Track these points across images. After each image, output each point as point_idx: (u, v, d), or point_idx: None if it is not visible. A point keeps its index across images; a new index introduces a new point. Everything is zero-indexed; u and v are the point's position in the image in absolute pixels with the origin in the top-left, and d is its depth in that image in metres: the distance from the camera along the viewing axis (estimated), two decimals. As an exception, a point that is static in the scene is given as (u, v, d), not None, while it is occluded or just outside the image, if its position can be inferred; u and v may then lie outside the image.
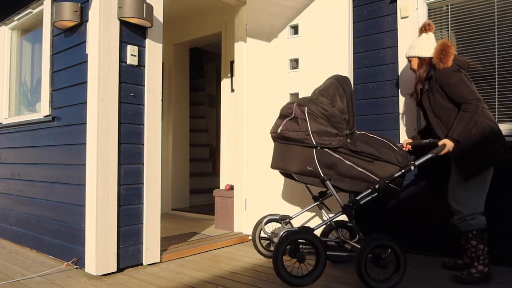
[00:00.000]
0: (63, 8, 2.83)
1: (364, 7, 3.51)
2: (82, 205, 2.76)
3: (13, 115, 3.97)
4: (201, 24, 5.14)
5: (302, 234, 2.30)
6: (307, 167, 2.44)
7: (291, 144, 2.49)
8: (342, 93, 2.52)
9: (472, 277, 2.45)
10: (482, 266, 2.47)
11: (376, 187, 2.48)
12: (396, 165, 2.53)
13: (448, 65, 2.54)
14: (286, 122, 2.51)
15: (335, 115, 2.46)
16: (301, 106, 2.48)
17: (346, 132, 2.46)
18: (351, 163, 2.49)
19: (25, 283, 2.51)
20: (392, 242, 2.35)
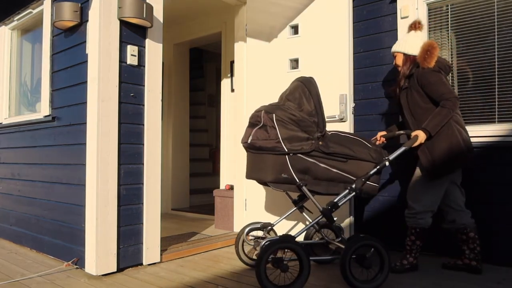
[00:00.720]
0: (63, 8, 2.83)
1: (364, 7, 3.52)
2: (82, 205, 2.76)
3: (13, 115, 3.97)
4: (201, 24, 5.14)
5: (284, 243, 2.23)
6: (282, 174, 2.40)
7: (263, 153, 2.44)
8: (309, 95, 2.46)
9: (404, 267, 2.70)
10: (412, 259, 2.72)
11: (353, 187, 2.46)
12: (370, 162, 2.51)
13: (431, 65, 2.60)
14: (256, 131, 2.45)
15: (304, 119, 2.42)
16: (269, 114, 2.43)
17: (317, 135, 2.42)
18: (325, 166, 2.46)
19: (25, 283, 2.51)
20: (376, 242, 2.34)
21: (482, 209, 2.92)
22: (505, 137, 2.84)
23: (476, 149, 2.95)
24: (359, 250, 2.33)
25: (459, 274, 2.67)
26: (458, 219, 2.69)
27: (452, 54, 3.18)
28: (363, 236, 2.37)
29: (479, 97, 3.04)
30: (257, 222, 2.89)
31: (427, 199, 2.64)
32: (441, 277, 2.60)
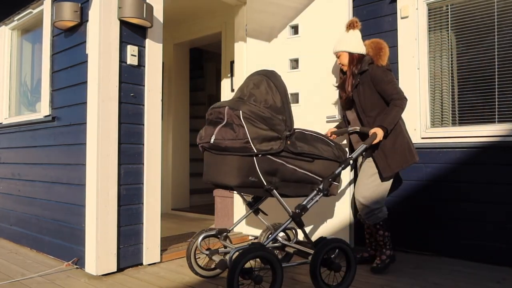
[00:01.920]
0: (63, 8, 2.83)
1: (364, 7, 3.52)
2: (82, 205, 2.76)
3: (13, 115, 3.97)
4: (201, 24, 5.14)
5: (256, 252, 2.05)
6: (249, 178, 2.18)
7: (227, 154, 2.20)
8: (276, 90, 2.26)
9: (385, 263, 2.68)
10: (389, 251, 2.72)
11: (321, 188, 2.36)
12: (335, 161, 2.44)
13: (384, 63, 2.69)
14: (220, 130, 2.19)
15: (273, 116, 2.21)
16: (235, 110, 2.16)
17: (286, 134, 2.23)
18: (293, 166, 2.30)
19: (25, 283, 2.51)
20: (344, 244, 2.31)
21: (482, 209, 2.92)
22: (505, 137, 2.84)
23: (476, 149, 2.95)
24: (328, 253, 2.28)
25: (459, 274, 2.67)
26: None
27: (452, 54, 3.18)
28: (331, 238, 2.29)
29: (479, 97, 3.04)
30: (211, 229, 2.65)
31: (381, 196, 2.70)
32: (441, 277, 2.60)
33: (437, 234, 3.11)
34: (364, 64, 2.72)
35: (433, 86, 3.24)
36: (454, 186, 3.04)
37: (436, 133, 3.15)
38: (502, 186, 2.84)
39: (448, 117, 3.19)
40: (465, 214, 2.99)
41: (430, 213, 3.14)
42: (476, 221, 2.94)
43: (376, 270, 2.67)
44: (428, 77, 3.23)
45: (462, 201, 3.00)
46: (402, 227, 3.27)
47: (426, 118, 3.21)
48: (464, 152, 2.99)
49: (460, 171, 3.01)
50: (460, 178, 3.01)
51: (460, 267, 2.82)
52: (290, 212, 2.33)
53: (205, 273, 2.60)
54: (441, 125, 3.20)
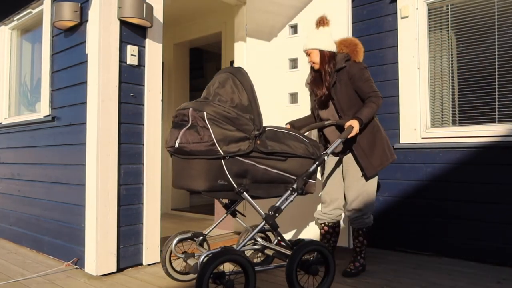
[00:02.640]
0: (63, 8, 2.83)
1: (364, 7, 3.52)
2: (82, 205, 2.76)
3: (13, 115, 3.97)
4: (201, 24, 5.14)
5: (228, 255, 1.98)
6: (218, 181, 2.09)
7: (194, 158, 2.09)
8: (242, 88, 2.17)
9: (358, 270, 2.67)
10: (363, 260, 2.71)
11: (295, 187, 2.26)
12: (309, 158, 2.35)
13: (361, 60, 2.66)
14: (185, 133, 2.08)
15: (240, 116, 2.11)
16: (199, 111, 2.06)
17: (255, 133, 2.14)
18: (264, 167, 2.20)
19: (25, 283, 2.51)
20: (322, 246, 2.24)
21: (482, 209, 2.92)
22: (505, 137, 2.84)
23: (476, 149, 2.95)
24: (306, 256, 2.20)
25: (459, 274, 2.67)
26: (336, 213, 2.80)
27: (452, 54, 3.18)
28: (309, 241, 2.23)
29: (479, 97, 3.04)
30: (187, 231, 2.55)
31: (371, 198, 2.67)
32: (441, 277, 2.60)
33: (437, 234, 3.11)
34: (340, 61, 2.65)
35: (433, 86, 3.24)
36: (454, 186, 3.03)
37: (436, 133, 3.15)
38: (502, 186, 2.84)
39: (448, 117, 3.19)
40: (465, 214, 2.99)
41: (430, 213, 3.14)
42: (476, 221, 2.94)
43: (348, 274, 2.63)
44: (428, 77, 3.23)
45: (462, 201, 3.00)
46: (402, 227, 3.27)
47: (426, 118, 3.21)
48: (464, 152, 2.99)
49: (460, 171, 3.01)
50: (460, 178, 3.01)
51: (460, 267, 2.82)
52: (262, 214, 2.22)
53: (181, 277, 2.52)
54: (441, 125, 3.20)
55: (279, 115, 3.51)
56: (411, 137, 3.24)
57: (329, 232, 2.85)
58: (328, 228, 2.85)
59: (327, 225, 2.84)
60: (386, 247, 3.34)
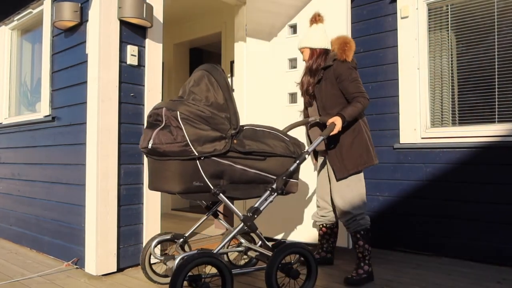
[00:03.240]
0: (63, 8, 2.83)
1: (364, 7, 3.52)
2: (82, 205, 2.76)
3: (13, 115, 3.97)
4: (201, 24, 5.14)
5: (204, 258, 1.93)
6: (194, 182, 2.03)
7: (168, 160, 2.03)
8: (217, 86, 2.09)
9: (361, 277, 2.49)
10: (368, 266, 2.53)
11: (274, 187, 2.20)
12: (290, 156, 2.28)
13: (349, 59, 2.55)
14: (158, 133, 2.02)
15: (215, 114, 2.05)
16: (172, 111, 1.99)
17: (231, 133, 2.08)
18: (242, 167, 2.14)
19: (25, 283, 2.51)
20: (303, 249, 2.17)
21: (482, 209, 2.92)
22: (505, 137, 2.84)
23: (476, 149, 2.95)
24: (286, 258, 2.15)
25: (459, 274, 2.67)
26: (331, 215, 2.78)
27: (452, 54, 3.18)
28: (290, 243, 2.17)
29: (479, 97, 3.04)
30: (167, 233, 2.49)
31: (360, 198, 2.57)
32: (441, 277, 2.60)
33: (437, 234, 3.11)
34: (329, 59, 2.59)
35: (433, 86, 3.24)
36: (454, 186, 3.03)
37: (436, 133, 3.15)
38: (502, 186, 2.84)
39: (448, 117, 3.19)
40: (465, 214, 2.99)
41: (430, 213, 3.14)
42: (476, 221, 2.94)
43: (350, 281, 2.47)
44: (428, 77, 3.23)
45: (462, 201, 3.00)
46: (402, 227, 3.27)
47: (426, 118, 3.21)
48: (464, 152, 2.99)
49: (460, 171, 3.01)
50: (460, 178, 3.01)
51: (460, 267, 2.82)
52: (240, 216, 2.16)
53: (162, 280, 2.45)
54: (441, 125, 3.21)
55: (279, 115, 3.51)
56: (411, 137, 3.24)
57: (328, 233, 2.85)
58: (326, 229, 2.84)
59: (325, 226, 2.84)
60: (386, 247, 3.34)
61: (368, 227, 2.57)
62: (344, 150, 2.55)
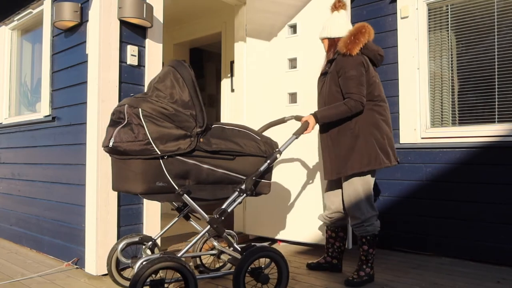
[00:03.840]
0: (63, 8, 2.84)
1: (364, 7, 3.52)
2: (82, 205, 2.76)
3: (13, 115, 3.97)
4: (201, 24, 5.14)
5: (165, 262, 1.87)
6: (157, 183, 1.96)
7: (129, 159, 1.94)
8: (183, 83, 2.01)
9: (362, 280, 2.45)
10: (369, 269, 2.49)
11: (243, 188, 2.12)
12: (261, 156, 2.20)
13: (352, 52, 2.37)
14: (119, 131, 1.93)
15: (179, 112, 1.97)
16: (134, 108, 1.93)
17: (197, 131, 2.00)
18: (209, 166, 2.07)
19: (25, 283, 2.51)
20: (274, 252, 2.10)
21: (482, 209, 2.92)
22: (505, 137, 2.84)
23: (476, 149, 2.95)
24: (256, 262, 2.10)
25: (459, 274, 2.67)
26: (335, 217, 2.65)
27: (452, 54, 3.18)
28: (260, 246, 2.09)
29: (479, 97, 3.04)
30: (135, 235, 2.41)
31: (366, 201, 2.47)
32: (441, 277, 2.60)
33: (437, 234, 3.11)
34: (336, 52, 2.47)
35: (433, 86, 3.25)
36: (454, 186, 3.04)
37: (436, 133, 3.15)
38: (501, 186, 2.85)
39: (448, 117, 3.19)
40: (465, 214, 2.99)
41: (430, 213, 3.14)
42: (476, 221, 2.94)
43: (350, 283, 2.43)
44: (428, 77, 3.23)
45: (462, 201, 3.00)
46: (402, 227, 3.27)
47: (426, 118, 3.21)
48: (464, 152, 3.00)
49: (460, 171, 3.01)
50: (460, 178, 3.01)
51: (460, 267, 2.82)
52: (206, 218, 2.09)
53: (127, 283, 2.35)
54: (441, 125, 3.21)
55: (279, 115, 3.51)
56: (411, 137, 3.24)
57: (332, 237, 2.71)
58: (330, 232, 2.72)
59: (329, 228, 2.72)
60: (386, 247, 3.35)
61: (376, 233, 2.47)
62: (337, 152, 2.45)
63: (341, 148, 2.45)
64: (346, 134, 2.43)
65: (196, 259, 2.61)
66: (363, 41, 2.38)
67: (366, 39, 2.40)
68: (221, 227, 2.11)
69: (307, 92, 3.37)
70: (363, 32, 2.38)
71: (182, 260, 1.91)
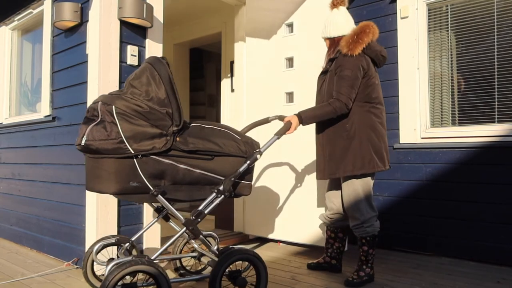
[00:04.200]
0: (64, 8, 2.84)
1: (364, 7, 3.52)
2: (82, 205, 2.76)
3: (14, 115, 3.97)
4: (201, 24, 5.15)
5: (135, 265, 1.79)
6: (130, 183, 1.89)
7: (102, 158, 1.88)
8: (159, 80, 1.95)
9: (362, 280, 2.44)
10: (369, 269, 2.48)
11: (220, 189, 2.05)
12: (240, 156, 2.13)
13: (354, 53, 2.32)
14: (92, 129, 1.86)
15: (154, 110, 1.91)
16: (107, 105, 1.87)
17: (173, 130, 1.94)
18: (186, 166, 2.00)
19: (25, 283, 2.51)
20: (252, 255, 2.06)
21: (482, 209, 2.92)
22: (504, 137, 2.85)
23: (476, 149, 2.96)
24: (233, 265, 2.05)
25: (459, 274, 2.67)
26: (335, 217, 2.64)
27: (452, 54, 3.18)
28: (238, 249, 2.05)
29: (479, 97, 3.04)
30: (111, 236, 2.35)
31: (363, 205, 2.45)
32: (441, 277, 2.60)
33: (437, 234, 3.11)
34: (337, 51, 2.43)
35: (433, 86, 3.25)
36: (454, 186, 3.04)
37: (436, 133, 3.15)
38: (501, 186, 2.85)
39: (448, 117, 3.19)
40: (465, 214, 2.99)
41: (430, 213, 3.14)
42: (476, 221, 2.95)
43: (350, 284, 2.42)
44: (428, 77, 3.23)
45: (462, 201, 3.01)
46: (402, 227, 3.28)
47: (426, 118, 3.21)
48: (464, 152, 3.00)
49: (460, 171, 3.01)
50: (460, 178, 3.01)
51: (459, 267, 2.82)
52: (182, 219, 2.04)
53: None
54: (441, 125, 3.21)
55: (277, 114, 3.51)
56: (411, 137, 3.24)
57: (332, 237, 2.69)
58: (330, 233, 2.70)
59: (329, 229, 2.71)
60: (386, 247, 3.35)
61: (376, 234, 2.47)
62: (331, 153, 2.43)
63: (335, 149, 2.43)
64: (342, 135, 2.41)
65: (176, 262, 2.56)
66: (366, 41, 2.34)
67: (369, 39, 2.36)
68: (197, 229, 2.05)
69: (303, 91, 3.37)
70: (367, 32, 2.34)
71: (154, 263, 1.85)
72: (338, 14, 2.49)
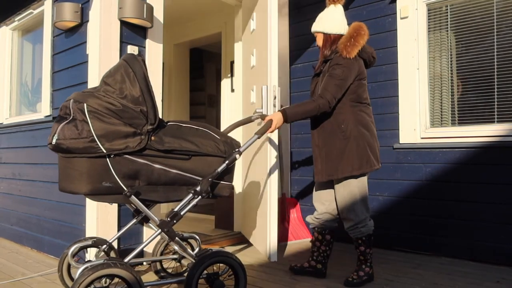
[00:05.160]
0: (64, 8, 2.84)
1: (364, 7, 3.52)
2: (83, 205, 2.77)
3: (14, 115, 3.98)
4: (201, 24, 5.15)
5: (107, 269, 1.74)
6: (103, 183, 1.84)
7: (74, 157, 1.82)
8: (134, 77, 1.90)
9: (362, 280, 2.43)
10: (369, 269, 2.46)
11: (197, 190, 2.00)
12: (219, 156, 2.08)
13: (351, 55, 2.31)
14: (63, 128, 1.81)
15: (128, 108, 1.86)
16: (79, 103, 1.81)
17: (148, 128, 1.89)
18: (161, 166, 1.95)
19: (26, 283, 2.51)
20: (230, 257, 2.01)
21: (482, 209, 2.92)
22: (504, 137, 2.85)
23: (475, 149, 2.96)
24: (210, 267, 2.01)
25: (459, 274, 2.68)
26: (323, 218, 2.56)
27: (451, 54, 3.18)
28: (216, 251, 2.00)
29: (479, 97, 3.05)
30: (89, 238, 2.30)
31: (361, 203, 2.43)
32: (441, 277, 2.60)
33: (437, 234, 3.11)
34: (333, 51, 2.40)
35: (433, 86, 3.25)
36: (454, 186, 3.04)
37: (436, 133, 3.15)
38: (501, 186, 2.85)
39: (448, 117, 3.19)
40: (465, 214, 2.99)
41: (430, 213, 3.15)
42: (475, 221, 2.95)
43: (349, 283, 2.40)
44: (428, 77, 3.24)
45: (461, 201, 3.01)
46: (402, 227, 3.28)
47: (425, 118, 3.22)
48: (464, 152, 3.00)
49: (460, 171, 3.01)
50: (460, 178, 3.02)
51: (459, 267, 2.82)
52: (157, 221, 1.99)
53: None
54: (441, 125, 3.21)
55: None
56: (410, 137, 3.25)
57: (318, 239, 2.58)
58: (317, 235, 2.59)
59: (317, 231, 2.59)
60: (386, 247, 3.35)
61: (371, 233, 2.45)
62: (328, 154, 2.41)
63: (332, 150, 2.40)
64: (338, 136, 2.39)
65: (157, 264, 2.52)
66: (362, 43, 2.35)
67: (364, 41, 2.37)
68: (173, 231, 2.00)
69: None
70: (362, 34, 2.34)
71: (127, 266, 1.80)
72: (336, 12, 2.46)
